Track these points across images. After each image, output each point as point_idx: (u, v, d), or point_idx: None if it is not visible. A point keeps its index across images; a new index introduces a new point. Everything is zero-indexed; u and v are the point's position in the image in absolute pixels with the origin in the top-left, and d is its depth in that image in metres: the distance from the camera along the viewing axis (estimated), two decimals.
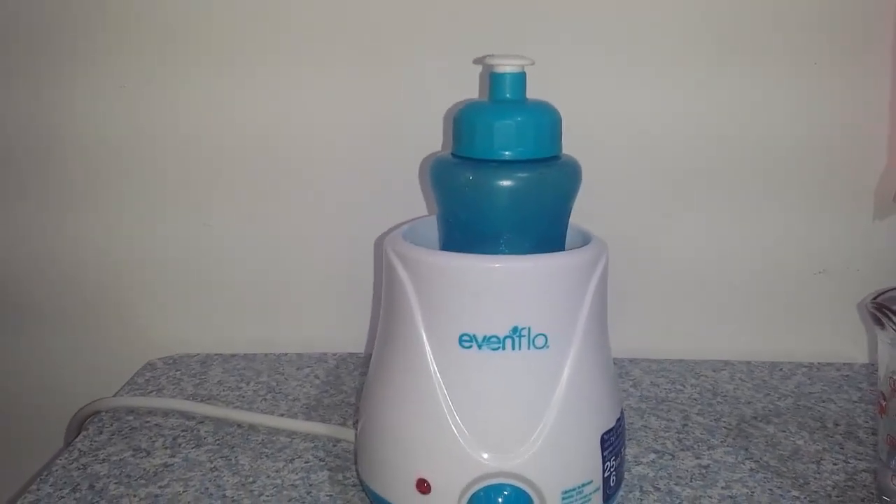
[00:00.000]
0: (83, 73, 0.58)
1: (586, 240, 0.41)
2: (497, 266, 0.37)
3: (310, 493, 0.44)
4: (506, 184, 0.39)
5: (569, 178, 0.41)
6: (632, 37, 0.56)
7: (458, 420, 0.37)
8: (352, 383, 0.58)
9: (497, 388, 0.38)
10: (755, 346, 0.62)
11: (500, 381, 0.37)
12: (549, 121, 0.40)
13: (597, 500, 0.39)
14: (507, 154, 0.39)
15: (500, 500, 0.37)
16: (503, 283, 0.37)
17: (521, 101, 0.41)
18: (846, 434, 0.51)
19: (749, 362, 0.61)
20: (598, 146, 0.57)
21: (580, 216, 0.43)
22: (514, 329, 0.37)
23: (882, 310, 0.40)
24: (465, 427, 0.37)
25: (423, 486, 0.38)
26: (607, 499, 0.40)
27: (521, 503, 0.37)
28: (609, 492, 0.40)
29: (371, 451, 0.41)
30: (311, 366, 0.61)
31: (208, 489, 0.45)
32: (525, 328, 0.37)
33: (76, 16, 0.57)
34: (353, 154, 0.59)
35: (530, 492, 0.37)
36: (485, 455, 0.37)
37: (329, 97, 0.58)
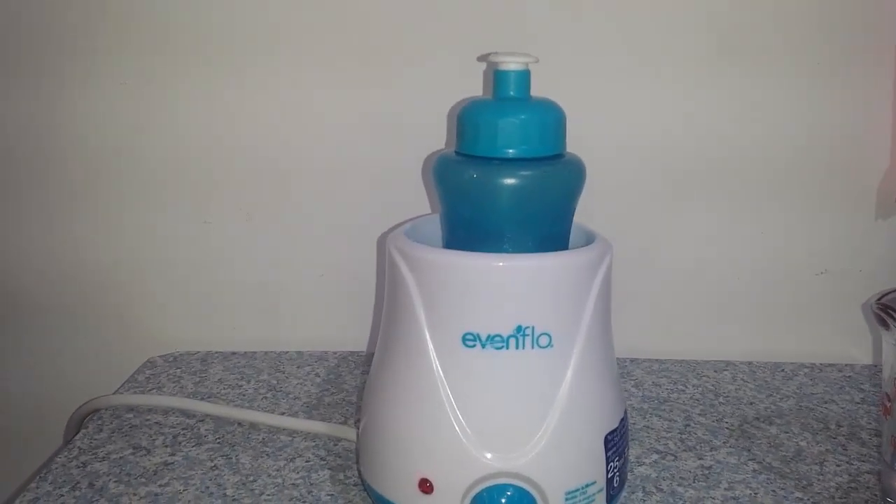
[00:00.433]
0: (83, 72, 0.57)
1: (590, 239, 0.41)
2: (502, 265, 0.37)
3: (311, 492, 0.44)
4: (510, 182, 0.39)
5: (573, 176, 0.40)
6: (633, 37, 0.56)
7: (462, 419, 0.37)
8: (353, 382, 0.58)
9: (500, 387, 0.37)
10: (757, 346, 0.62)
11: (503, 380, 0.37)
12: (553, 119, 0.40)
13: (600, 501, 0.39)
14: (512, 152, 0.39)
15: (503, 501, 0.37)
16: (507, 282, 0.37)
17: (525, 99, 0.40)
18: (849, 435, 0.50)
19: (751, 363, 0.61)
20: (599, 146, 0.57)
21: (581, 216, 0.42)
22: (518, 328, 0.37)
23: (887, 311, 0.40)
24: (468, 426, 0.37)
25: (425, 486, 0.38)
26: (611, 500, 0.39)
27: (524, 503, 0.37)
28: (612, 493, 0.39)
29: (373, 451, 0.41)
30: (311, 364, 0.60)
31: (209, 488, 0.44)
32: (529, 327, 0.37)
33: (76, 16, 0.56)
34: (356, 151, 0.58)
35: (533, 492, 0.37)
36: (488, 455, 0.37)
37: (331, 94, 0.58)
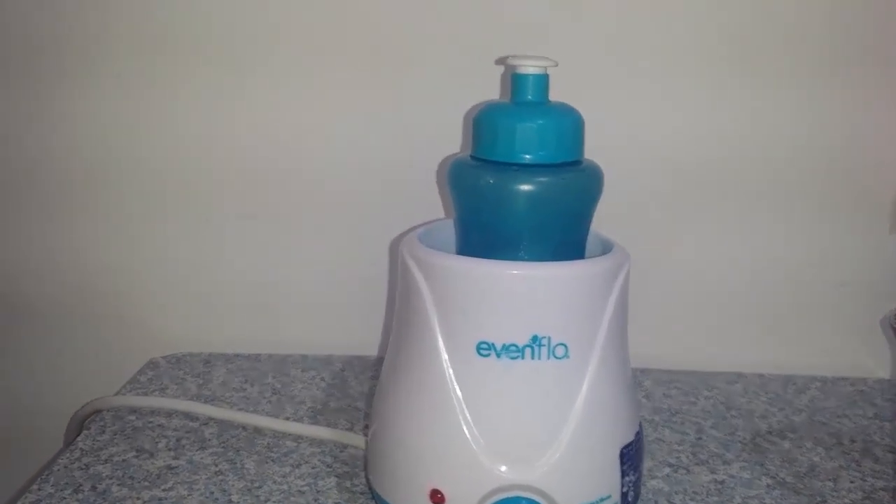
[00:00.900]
0: (83, 73, 0.57)
1: (606, 247, 0.40)
2: (519, 273, 0.36)
3: (317, 499, 0.43)
4: (527, 188, 0.38)
5: (592, 183, 0.40)
6: (643, 46, 0.55)
7: (475, 430, 0.36)
8: (358, 387, 0.57)
9: (515, 397, 0.36)
10: (768, 358, 0.61)
11: (518, 390, 0.36)
12: (572, 124, 0.39)
13: None
14: (529, 157, 0.38)
15: None
16: (524, 291, 0.36)
17: (543, 104, 0.40)
18: (863, 451, 0.50)
19: (762, 375, 0.60)
20: (611, 154, 0.55)
21: (593, 225, 0.42)
22: (534, 338, 0.36)
23: None
24: (481, 437, 0.36)
25: (436, 497, 0.37)
26: None
27: None
28: None
29: (383, 460, 0.40)
30: (316, 368, 0.60)
31: (213, 493, 0.44)
32: (545, 337, 0.36)
33: (76, 17, 0.56)
34: (369, 153, 0.58)
35: None
36: (501, 467, 0.36)
37: (344, 96, 0.57)
